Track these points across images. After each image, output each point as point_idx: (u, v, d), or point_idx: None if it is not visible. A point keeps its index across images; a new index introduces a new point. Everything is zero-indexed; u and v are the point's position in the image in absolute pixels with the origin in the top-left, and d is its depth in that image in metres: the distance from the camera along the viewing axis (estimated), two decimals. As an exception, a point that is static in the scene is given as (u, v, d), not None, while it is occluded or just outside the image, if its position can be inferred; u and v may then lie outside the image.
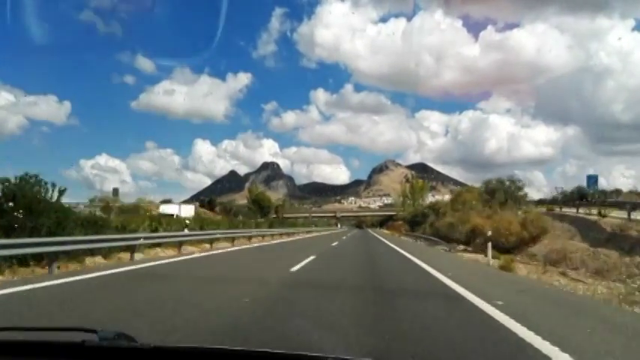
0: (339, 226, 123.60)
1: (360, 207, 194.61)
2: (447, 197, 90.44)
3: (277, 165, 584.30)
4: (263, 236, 33.53)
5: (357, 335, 4.88)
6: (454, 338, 4.97)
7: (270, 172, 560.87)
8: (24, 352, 1.53)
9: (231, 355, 1.50)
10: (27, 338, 1.59)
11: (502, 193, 41.44)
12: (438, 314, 6.40)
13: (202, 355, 1.50)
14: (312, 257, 15.94)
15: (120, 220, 18.30)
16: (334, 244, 31.27)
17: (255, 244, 26.66)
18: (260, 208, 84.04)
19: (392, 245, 31.04)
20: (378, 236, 55.40)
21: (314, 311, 6.33)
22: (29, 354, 1.52)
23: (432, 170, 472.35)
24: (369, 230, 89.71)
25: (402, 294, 8.55)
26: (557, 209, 37.82)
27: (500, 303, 6.82)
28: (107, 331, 1.55)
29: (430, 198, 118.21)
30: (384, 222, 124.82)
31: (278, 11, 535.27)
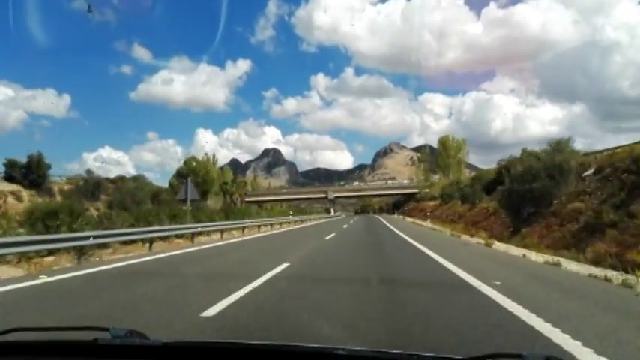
0: (332, 212, 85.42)
1: (364, 185, 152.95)
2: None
3: (278, 152, 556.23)
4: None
5: None
6: None
7: (271, 159, 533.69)
8: (37, 353, 1.49)
9: (242, 350, 1.45)
10: (39, 338, 1.53)
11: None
12: None
13: (213, 351, 1.47)
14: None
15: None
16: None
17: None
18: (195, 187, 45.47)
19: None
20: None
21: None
22: (42, 354, 1.48)
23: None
24: (382, 219, 49.49)
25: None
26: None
27: None
28: (119, 329, 1.51)
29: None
30: (399, 204, 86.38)
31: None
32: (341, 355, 1.36)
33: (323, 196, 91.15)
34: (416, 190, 76.06)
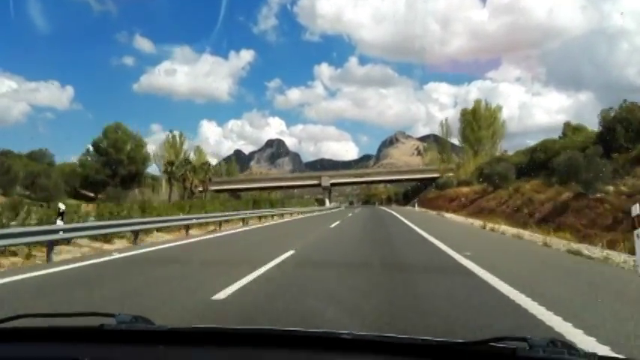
0: (327, 203, 67.91)
1: (368, 169, 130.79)
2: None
3: (282, 142, 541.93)
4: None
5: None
6: None
7: (274, 149, 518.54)
8: (42, 339, 1.49)
9: (247, 336, 1.45)
10: (43, 325, 1.52)
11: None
12: None
13: (218, 336, 1.47)
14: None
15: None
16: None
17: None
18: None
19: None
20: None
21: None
22: (47, 340, 1.48)
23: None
24: (396, 214, 30.44)
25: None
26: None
27: None
28: (125, 315, 1.51)
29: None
30: (412, 193, 68.66)
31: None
32: (345, 339, 1.34)
33: (316, 182, 72.33)
34: (435, 175, 58.52)
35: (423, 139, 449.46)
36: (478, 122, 51.91)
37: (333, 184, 73.73)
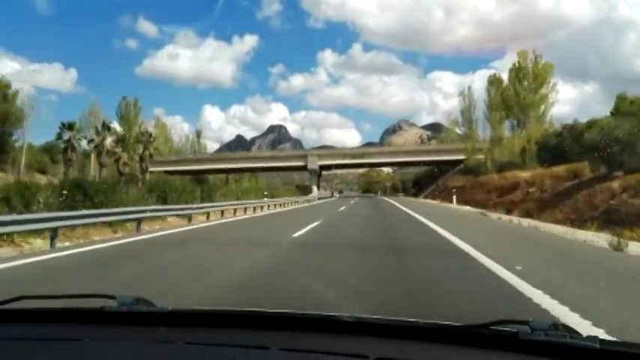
0: (315, 191, 52.14)
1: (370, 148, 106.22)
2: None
3: (284, 128, 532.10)
4: None
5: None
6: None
7: (276, 135, 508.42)
8: (43, 320, 1.48)
9: (247, 317, 1.45)
10: (44, 306, 1.52)
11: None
12: None
13: (218, 318, 1.46)
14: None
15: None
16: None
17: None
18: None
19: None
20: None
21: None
22: (48, 321, 1.47)
23: (450, 131, 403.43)
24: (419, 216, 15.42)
25: None
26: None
27: None
28: (126, 297, 1.50)
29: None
30: (431, 178, 53.40)
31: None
32: (347, 322, 1.33)
33: (301, 164, 54.05)
34: (457, 157, 43.83)
35: (426, 127, 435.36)
36: (521, 84, 36.70)
37: (323, 167, 56.90)
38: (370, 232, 11.09)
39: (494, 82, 42.21)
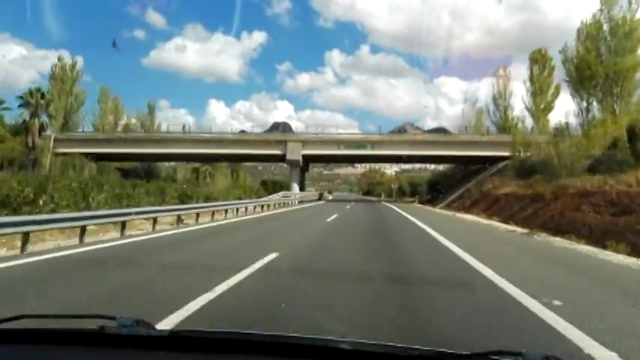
0: (296, 190, 39.07)
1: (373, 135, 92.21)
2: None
3: (288, 125, 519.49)
4: None
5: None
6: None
7: (280, 132, 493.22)
8: (41, 341, 1.44)
9: (248, 342, 1.43)
10: (43, 326, 1.52)
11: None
12: None
13: (219, 342, 1.44)
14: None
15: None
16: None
17: None
18: None
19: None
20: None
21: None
22: (47, 342, 1.44)
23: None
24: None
25: None
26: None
27: None
28: (126, 318, 1.49)
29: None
30: (442, 182, 40.56)
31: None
32: (345, 349, 1.32)
33: (279, 152, 40.00)
34: (500, 153, 31.10)
35: (432, 131, 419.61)
36: (614, 38, 23.45)
37: (309, 159, 43.21)
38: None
39: (591, 25, 26.19)
